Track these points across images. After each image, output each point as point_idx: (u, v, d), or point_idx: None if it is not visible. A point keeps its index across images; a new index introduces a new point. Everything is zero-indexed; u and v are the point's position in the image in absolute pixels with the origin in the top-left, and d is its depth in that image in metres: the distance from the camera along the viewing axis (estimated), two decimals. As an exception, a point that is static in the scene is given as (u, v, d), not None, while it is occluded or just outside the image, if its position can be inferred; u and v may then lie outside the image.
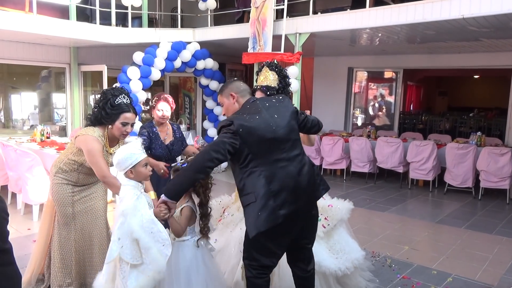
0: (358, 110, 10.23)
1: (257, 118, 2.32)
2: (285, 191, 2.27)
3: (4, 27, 5.77)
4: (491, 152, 6.31)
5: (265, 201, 2.23)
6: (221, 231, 3.21)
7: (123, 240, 2.20)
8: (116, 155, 2.37)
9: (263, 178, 2.27)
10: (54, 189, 2.95)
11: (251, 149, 2.28)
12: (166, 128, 3.65)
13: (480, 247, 4.49)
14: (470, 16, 4.78)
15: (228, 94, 2.52)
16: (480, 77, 15.01)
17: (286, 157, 2.35)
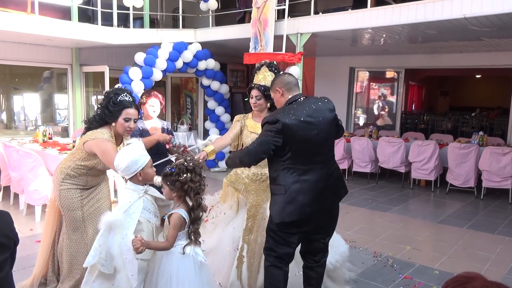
0: (360, 110, 10.22)
1: (302, 120, 2.41)
2: (315, 191, 2.44)
3: (6, 28, 5.79)
4: (493, 151, 6.30)
5: (295, 196, 2.41)
6: (210, 231, 3.14)
7: (102, 248, 2.18)
8: (121, 160, 2.31)
9: (297, 175, 2.42)
10: (62, 195, 2.93)
11: (292, 147, 2.41)
12: (155, 124, 3.82)
13: (482, 247, 4.48)
14: (472, 16, 4.78)
15: (275, 88, 2.64)
16: (482, 76, 14.98)
17: (322, 159, 2.50)
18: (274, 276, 2.56)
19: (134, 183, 2.34)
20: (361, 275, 3.67)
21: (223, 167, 8.22)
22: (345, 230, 4.90)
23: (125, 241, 2.14)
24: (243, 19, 7.81)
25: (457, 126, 12.45)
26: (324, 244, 2.68)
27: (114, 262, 2.17)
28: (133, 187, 2.32)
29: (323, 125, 2.47)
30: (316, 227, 2.56)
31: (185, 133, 8.51)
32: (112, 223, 2.15)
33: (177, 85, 9.67)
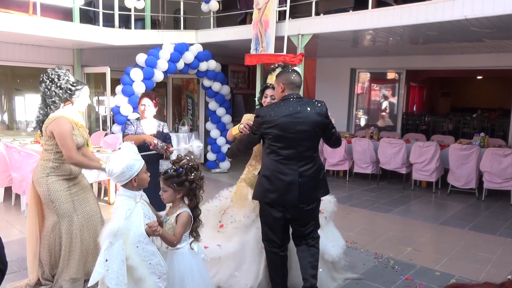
0: (361, 111, 10.22)
1: (283, 116, 2.71)
2: (281, 182, 2.73)
3: (8, 29, 5.81)
4: (494, 153, 6.29)
5: (263, 180, 2.79)
6: (229, 236, 3.13)
7: (110, 263, 2.02)
8: (114, 166, 2.20)
9: (270, 165, 2.77)
10: (50, 189, 3.07)
11: (271, 138, 2.75)
12: (151, 124, 3.90)
13: (484, 248, 4.48)
14: (473, 17, 4.77)
15: (279, 82, 2.85)
16: (483, 77, 14.96)
17: (297, 155, 2.74)
18: (271, 260, 2.90)
19: (128, 189, 2.24)
20: (362, 276, 3.67)
21: (224, 168, 8.22)
22: (346, 231, 4.89)
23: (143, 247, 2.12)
24: (244, 20, 7.83)
25: (458, 127, 12.44)
26: (304, 233, 2.89)
27: (136, 273, 2.08)
28: (128, 193, 2.24)
29: (303, 125, 2.72)
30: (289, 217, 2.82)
31: (186, 134, 8.51)
32: (117, 231, 2.05)
33: (178, 86, 9.68)
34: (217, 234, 3.16)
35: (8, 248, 4.14)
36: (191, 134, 8.62)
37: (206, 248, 3.02)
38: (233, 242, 3.10)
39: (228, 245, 3.08)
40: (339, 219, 5.52)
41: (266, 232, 2.90)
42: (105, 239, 2.06)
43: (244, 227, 3.12)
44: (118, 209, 2.20)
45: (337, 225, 5.10)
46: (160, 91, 9.64)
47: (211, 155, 8.36)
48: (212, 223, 3.21)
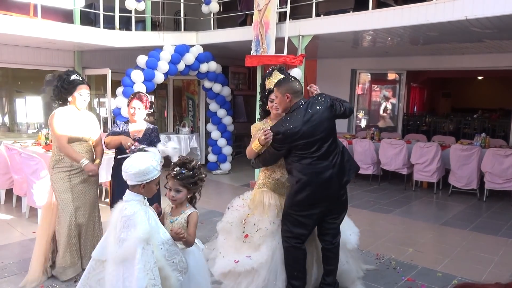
0: (362, 112, 10.22)
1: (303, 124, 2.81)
2: (321, 180, 2.84)
3: (9, 31, 5.82)
4: (495, 153, 6.28)
5: (301, 187, 2.84)
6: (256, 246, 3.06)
7: (148, 266, 2.09)
8: (134, 164, 2.21)
9: (304, 169, 2.84)
10: (53, 179, 3.47)
11: (300, 148, 2.84)
12: (139, 127, 3.67)
13: (485, 249, 4.47)
14: (473, 18, 4.77)
15: (284, 92, 2.90)
16: (484, 78, 14.97)
17: (326, 151, 2.87)
18: (294, 255, 2.95)
19: (134, 192, 2.25)
20: (364, 278, 3.65)
21: (225, 169, 8.22)
22: (347, 232, 4.90)
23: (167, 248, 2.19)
24: (244, 22, 7.82)
25: (459, 128, 12.43)
26: (336, 225, 3.06)
27: (162, 273, 2.14)
28: (138, 197, 2.24)
29: (322, 124, 2.85)
30: (327, 210, 2.95)
31: (187, 135, 8.51)
32: (148, 236, 2.10)
33: (179, 87, 9.68)
34: (244, 245, 3.08)
35: (9, 250, 4.16)
36: (191, 135, 8.62)
37: (237, 262, 2.98)
38: (262, 250, 3.03)
39: (258, 254, 3.01)
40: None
41: (292, 230, 2.92)
42: (137, 246, 2.07)
43: (271, 234, 3.05)
44: (137, 214, 2.16)
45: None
46: (161, 93, 9.65)
47: (212, 156, 8.35)
48: (237, 235, 3.13)
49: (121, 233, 2.17)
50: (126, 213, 2.17)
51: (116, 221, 2.22)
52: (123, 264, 2.14)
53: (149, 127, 3.70)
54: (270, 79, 3.14)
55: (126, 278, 2.12)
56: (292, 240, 2.93)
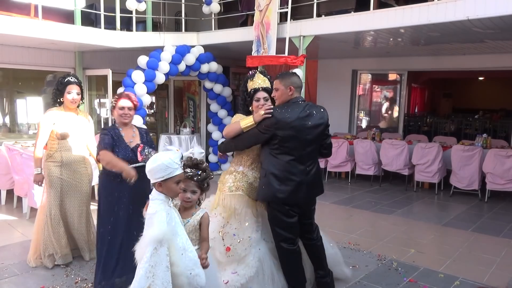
0: (363, 112, 10.21)
1: (297, 119, 2.82)
2: (292, 182, 2.83)
3: (10, 32, 5.81)
4: (497, 154, 6.26)
5: (270, 181, 2.83)
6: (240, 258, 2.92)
7: (156, 269, 2.01)
8: (150, 162, 2.17)
9: (278, 165, 2.83)
10: (45, 172, 3.69)
11: (281, 139, 2.81)
12: (132, 131, 3.22)
13: (487, 250, 4.45)
14: (475, 18, 4.76)
15: (288, 85, 2.91)
16: (485, 78, 14.94)
17: (306, 156, 2.89)
18: (289, 259, 2.95)
19: (158, 191, 2.18)
20: (365, 278, 3.65)
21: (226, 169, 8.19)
22: (348, 233, 4.88)
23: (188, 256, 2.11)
24: (245, 22, 7.82)
25: (460, 128, 12.41)
26: (312, 221, 3.14)
27: (177, 280, 2.07)
28: (161, 196, 2.17)
29: (313, 128, 2.88)
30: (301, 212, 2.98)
31: (188, 136, 8.51)
32: (163, 237, 2.04)
33: (180, 88, 9.67)
34: (228, 259, 2.90)
35: (10, 251, 4.16)
36: (192, 136, 8.62)
37: (226, 283, 2.79)
38: (249, 263, 2.89)
39: (244, 268, 2.86)
40: (342, 220, 5.52)
41: (280, 233, 2.92)
42: (148, 245, 2.03)
43: (256, 243, 2.95)
44: (158, 214, 2.11)
45: (339, 227, 5.10)
46: (162, 93, 9.64)
47: (213, 157, 8.35)
48: (219, 250, 2.92)
49: (144, 231, 2.16)
50: (149, 211, 2.16)
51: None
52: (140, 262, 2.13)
53: (142, 130, 3.35)
54: (253, 80, 3.12)
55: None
56: (284, 243, 2.92)
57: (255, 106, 3.07)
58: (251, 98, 3.11)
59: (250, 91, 3.12)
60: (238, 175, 3.09)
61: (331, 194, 6.88)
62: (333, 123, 10.59)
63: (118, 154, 3.03)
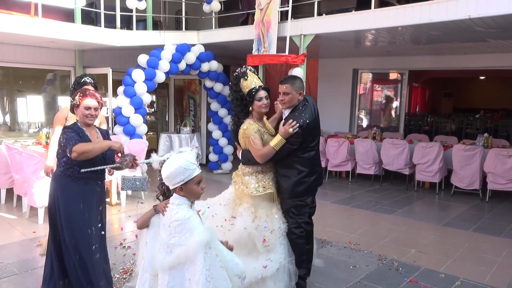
0: (363, 111, 10.19)
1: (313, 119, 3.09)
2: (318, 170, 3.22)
3: (10, 30, 5.80)
4: (498, 153, 6.24)
5: (304, 179, 3.06)
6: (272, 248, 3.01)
7: (212, 272, 2.03)
8: (166, 167, 2.10)
9: (308, 160, 3.07)
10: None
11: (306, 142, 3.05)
12: (95, 132, 3.00)
13: (488, 250, 4.44)
14: (477, 17, 4.74)
15: (298, 90, 3.08)
16: (486, 78, 14.91)
17: (318, 148, 3.20)
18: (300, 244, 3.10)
19: (180, 195, 2.12)
20: (366, 279, 3.64)
21: (226, 169, 8.19)
22: (349, 232, 4.87)
23: (224, 249, 2.17)
24: (246, 21, 7.80)
25: (461, 128, 12.39)
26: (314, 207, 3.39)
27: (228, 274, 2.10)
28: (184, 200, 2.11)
29: (318, 122, 3.18)
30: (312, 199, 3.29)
31: (188, 135, 8.50)
32: (209, 239, 2.04)
33: (180, 87, 9.66)
34: (265, 249, 3.00)
35: (9, 250, 4.14)
36: (193, 135, 8.61)
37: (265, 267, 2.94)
38: (279, 250, 3.02)
39: (275, 255, 2.99)
40: (342, 220, 5.50)
41: (298, 221, 3.10)
42: (198, 251, 2.01)
43: (284, 233, 3.10)
44: (191, 219, 2.07)
45: (340, 227, 5.09)
46: (162, 92, 9.64)
47: (213, 156, 8.33)
48: (259, 242, 3.00)
49: (171, 239, 2.08)
50: (178, 216, 2.07)
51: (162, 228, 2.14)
52: (170, 272, 2.06)
53: (103, 131, 3.11)
54: (248, 79, 3.09)
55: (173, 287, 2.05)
56: (298, 229, 3.09)
57: (258, 106, 3.07)
58: (252, 98, 3.08)
59: (251, 91, 3.07)
60: (259, 175, 3.12)
61: (331, 193, 6.87)
62: (333, 122, 10.63)
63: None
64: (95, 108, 2.89)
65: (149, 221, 2.26)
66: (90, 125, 2.93)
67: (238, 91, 3.12)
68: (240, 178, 3.17)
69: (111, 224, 4.98)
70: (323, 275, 3.65)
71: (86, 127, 2.91)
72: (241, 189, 3.12)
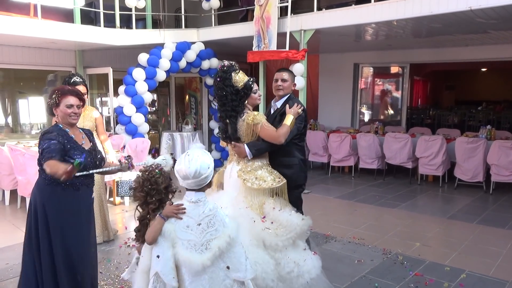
0: (365, 106, 10.16)
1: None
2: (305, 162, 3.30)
3: (10, 32, 5.80)
4: (501, 145, 6.21)
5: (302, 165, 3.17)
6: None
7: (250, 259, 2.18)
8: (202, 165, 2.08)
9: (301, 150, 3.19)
10: None
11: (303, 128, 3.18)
12: (79, 132, 2.71)
13: (493, 242, 4.42)
14: (478, 8, 4.71)
15: (293, 81, 3.29)
16: (488, 70, 14.85)
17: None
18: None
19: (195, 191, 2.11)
20: (371, 273, 3.63)
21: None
22: (353, 227, 4.86)
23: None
24: (245, 17, 7.78)
25: (463, 121, 12.34)
26: None
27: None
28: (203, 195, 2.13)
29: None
30: None
31: (190, 133, 8.50)
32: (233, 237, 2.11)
33: (181, 85, 9.66)
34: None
35: (14, 251, 4.15)
36: (194, 133, 8.61)
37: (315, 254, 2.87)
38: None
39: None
40: (346, 215, 5.50)
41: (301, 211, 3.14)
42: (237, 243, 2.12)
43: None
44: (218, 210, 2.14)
45: (343, 222, 5.08)
46: (163, 91, 9.63)
47: (216, 153, 8.34)
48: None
49: (205, 235, 2.07)
50: (207, 211, 2.10)
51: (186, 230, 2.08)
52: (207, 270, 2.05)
53: (86, 131, 2.82)
54: (239, 74, 3.00)
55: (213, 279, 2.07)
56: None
57: (254, 98, 3.10)
58: (249, 90, 3.04)
59: (248, 83, 3.01)
60: (268, 167, 3.07)
61: (334, 188, 6.86)
62: (335, 117, 10.59)
63: (80, 159, 2.37)
64: (78, 105, 2.60)
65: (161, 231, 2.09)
66: (73, 125, 2.63)
67: (232, 85, 2.98)
68: (252, 174, 3.03)
69: (115, 224, 4.99)
70: (328, 270, 3.64)
71: (69, 127, 2.61)
72: (258, 184, 2.97)
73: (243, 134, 3.01)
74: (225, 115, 3.01)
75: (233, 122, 3.00)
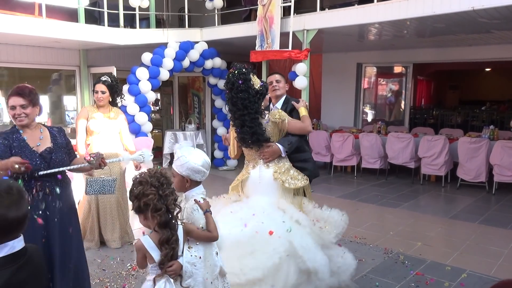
0: (368, 106, 10.16)
1: None
2: None
3: (14, 31, 5.85)
4: (504, 145, 6.20)
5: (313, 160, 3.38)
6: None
7: None
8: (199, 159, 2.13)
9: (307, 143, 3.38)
10: None
11: None
12: (39, 132, 2.55)
13: (495, 242, 4.43)
14: (481, 8, 4.71)
15: (285, 82, 3.46)
16: (492, 69, 14.79)
17: None
18: None
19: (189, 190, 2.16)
20: (372, 272, 3.65)
21: (231, 165, 8.21)
22: (355, 227, 4.87)
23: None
24: (249, 17, 7.80)
25: (467, 121, 12.31)
26: None
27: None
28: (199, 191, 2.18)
29: None
30: None
31: (193, 132, 8.52)
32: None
33: (184, 84, 9.68)
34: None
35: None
36: (197, 132, 8.63)
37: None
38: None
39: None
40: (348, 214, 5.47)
41: None
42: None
43: None
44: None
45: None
46: (166, 90, 9.66)
47: (218, 152, 8.36)
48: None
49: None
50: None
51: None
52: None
53: (53, 130, 2.67)
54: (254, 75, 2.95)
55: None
56: None
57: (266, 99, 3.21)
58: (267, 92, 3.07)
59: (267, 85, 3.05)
60: (287, 163, 3.06)
61: (337, 188, 6.87)
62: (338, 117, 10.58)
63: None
64: (22, 105, 2.41)
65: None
66: (24, 126, 2.46)
67: (253, 87, 2.88)
68: (287, 174, 2.99)
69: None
70: (329, 269, 3.67)
71: (24, 129, 2.47)
72: (294, 184, 2.97)
73: (271, 133, 2.97)
74: (249, 119, 2.86)
75: (259, 124, 2.91)
